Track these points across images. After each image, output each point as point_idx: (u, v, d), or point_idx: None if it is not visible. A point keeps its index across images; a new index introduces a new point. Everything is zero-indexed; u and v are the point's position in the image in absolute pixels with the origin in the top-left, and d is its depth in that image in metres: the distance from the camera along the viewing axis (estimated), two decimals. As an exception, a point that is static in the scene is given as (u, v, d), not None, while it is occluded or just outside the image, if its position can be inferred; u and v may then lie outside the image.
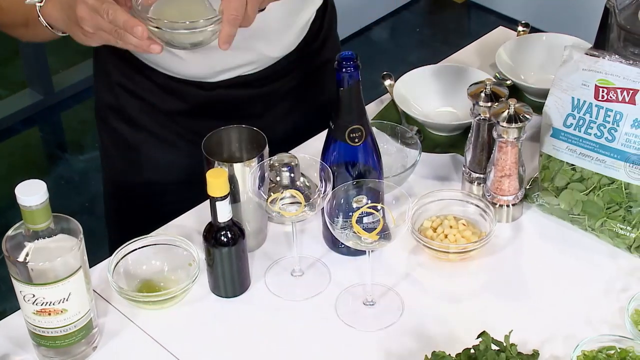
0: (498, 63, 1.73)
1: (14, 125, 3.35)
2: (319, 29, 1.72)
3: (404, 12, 3.91)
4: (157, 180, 1.71)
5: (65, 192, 3.07)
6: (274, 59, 1.63)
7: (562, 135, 1.45)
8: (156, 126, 1.67)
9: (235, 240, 1.34)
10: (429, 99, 1.70)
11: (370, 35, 3.78)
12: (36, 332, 1.26)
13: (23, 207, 1.18)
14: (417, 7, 3.97)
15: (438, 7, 3.99)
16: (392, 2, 3.87)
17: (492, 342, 1.25)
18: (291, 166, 1.44)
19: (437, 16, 3.95)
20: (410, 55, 3.57)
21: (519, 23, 1.88)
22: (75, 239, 1.23)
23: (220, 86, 1.62)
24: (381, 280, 1.41)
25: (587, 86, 1.42)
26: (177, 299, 1.37)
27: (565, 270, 1.43)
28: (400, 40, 3.75)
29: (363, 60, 1.36)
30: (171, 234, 1.43)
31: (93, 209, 2.96)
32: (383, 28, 3.82)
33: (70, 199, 3.02)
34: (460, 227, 1.45)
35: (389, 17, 3.87)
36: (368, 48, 3.69)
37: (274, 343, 1.33)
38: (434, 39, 3.74)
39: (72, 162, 3.19)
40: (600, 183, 1.43)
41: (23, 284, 1.22)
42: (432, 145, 1.64)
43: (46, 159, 3.27)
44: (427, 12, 3.98)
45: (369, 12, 3.77)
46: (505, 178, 1.47)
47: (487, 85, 1.46)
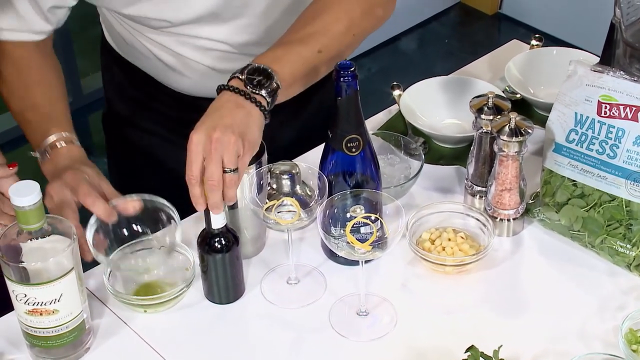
0: (507, 76, 1.72)
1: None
2: None
3: (433, 23, 3.91)
4: (165, 185, 1.72)
5: (88, 194, 3.09)
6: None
7: (564, 150, 1.44)
8: (167, 132, 1.69)
9: (229, 247, 1.35)
10: (435, 110, 1.70)
11: (398, 45, 3.77)
12: (29, 332, 1.28)
13: (16, 207, 1.20)
14: (446, 18, 3.96)
15: (468, 18, 3.98)
16: (421, 13, 3.87)
17: (482, 356, 1.24)
18: (292, 174, 1.44)
19: (467, 28, 3.94)
20: (437, 66, 3.56)
21: (533, 36, 1.87)
22: (68, 240, 1.25)
23: None
24: (377, 291, 1.41)
25: (590, 102, 1.41)
26: (171, 303, 1.38)
27: (563, 287, 1.42)
28: (428, 51, 3.75)
29: (389, 70, 1.37)
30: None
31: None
32: (411, 39, 3.82)
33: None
34: (458, 240, 1.45)
35: (417, 27, 3.86)
36: (395, 58, 3.69)
37: (266, 350, 1.33)
38: (462, 51, 3.73)
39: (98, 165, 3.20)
40: (601, 200, 1.42)
41: (15, 284, 1.23)
42: (437, 156, 1.64)
43: (70, 162, 3.29)
44: (456, 23, 3.97)
45: (397, 22, 3.76)
46: (506, 192, 1.46)
47: (489, 98, 1.46)
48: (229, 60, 1.57)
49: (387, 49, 3.73)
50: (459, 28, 3.95)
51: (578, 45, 1.88)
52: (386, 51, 3.71)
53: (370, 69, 3.61)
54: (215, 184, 1.26)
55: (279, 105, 1.67)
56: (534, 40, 1.86)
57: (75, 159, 1.47)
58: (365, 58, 3.66)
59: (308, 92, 1.70)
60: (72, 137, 1.49)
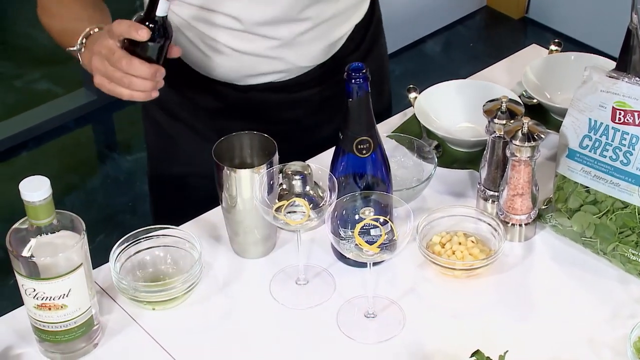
0: (524, 81, 1.71)
1: (67, 123, 3.42)
2: (360, 41, 1.72)
3: (458, 27, 3.90)
4: (192, 173, 1.73)
5: (110, 190, 3.12)
6: (304, 68, 1.65)
7: (577, 156, 1.43)
8: (195, 120, 1.71)
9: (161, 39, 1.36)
10: (450, 113, 1.69)
11: (423, 48, 3.76)
12: (37, 326, 1.29)
13: (27, 202, 1.21)
14: (472, 22, 3.94)
15: (494, 22, 3.96)
16: (446, 16, 3.86)
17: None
18: (304, 175, 1.44)
19: (492, 32, 3.92)
20: (462, 70, 3.53)
21: (552, 41, 1.86)
22: (78, 236, 1.26)
23: (253, 89, 1.65)
24: (386, 293, 1.40)
25: (604, 108, 1.40)
26: (179, 300, 1.38)
27: (573, 293, 1.41)
28: (452, 55, 3.74)
29: (413, 73, 1.37)
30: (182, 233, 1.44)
31: (135, 208, 3.01)
32: (436, 42, 3.81)
33: (115, 198, 3.07)
34: (468, 244, 1.44)
35: (443, 30, 3.85)
36: (419, 61, 3.68)
37: (272, 351, 1.33)
38: (487, 55, 3.71)
39: (120, 162, 3.25)
40: (613, 207, 1.41)
41: (25, 278, 1.24)
42: (451, 160, 1.63)
43: (95, 157, 3.32)
44: (482, 27, 3.95)
45: (422, 25, 3.76)
46: (518, 197, 1.45)
47: (502, 102, 1.45)
48: (244, 40, 1.57)
49: (411, 52, 3.72)
50: (485, 32, 3.94)
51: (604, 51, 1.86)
52: (410, 54, 3.70)
53: (394, 71, 3.59)
54: None
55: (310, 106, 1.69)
56: (553, 46, 1.85)
57: None
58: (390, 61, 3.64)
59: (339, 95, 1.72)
60: (104, 26, 1.47)
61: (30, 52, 3.78)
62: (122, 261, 1.40)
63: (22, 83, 3.63)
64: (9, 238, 1.24)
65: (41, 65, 3.69)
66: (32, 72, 3.67)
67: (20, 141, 3.30)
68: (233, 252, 1.48)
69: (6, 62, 3.74)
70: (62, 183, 3.11)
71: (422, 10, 3.69)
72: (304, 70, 1.66)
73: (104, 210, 3.00)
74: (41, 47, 3.81)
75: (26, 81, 3.63)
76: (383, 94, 1.85)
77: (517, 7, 3.96)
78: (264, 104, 1.68)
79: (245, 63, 1.60)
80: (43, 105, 3.43)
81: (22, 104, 3.48)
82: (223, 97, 1.67)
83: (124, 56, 1.34)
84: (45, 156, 3.29)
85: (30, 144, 3.32)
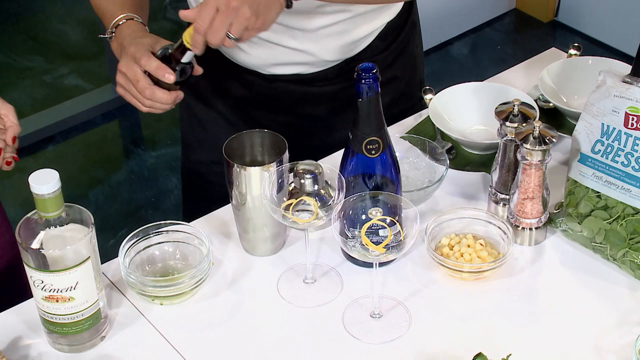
0: (540, 85, 1.70)
1: (94, 118, 3.45)
2: (392, 41, 1.72)
3: (486, 29, 3.88)
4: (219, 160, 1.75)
5: (134, 185, 3.14)
6: (329, 62, 1.66)
7: (589, 161, 1.43)
8: (224, 107, 1.74)
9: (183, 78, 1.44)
10: (465, 115, 1.69)
11: (449, 50, 3.75)
12: (45, 317, 1.31)
13: (36, 195, 1.22)
14: (500, 24, 3.92)
15: (522, 25, 3.94)
16: (474, 18, 3.84)
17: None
18: (314, 174, 1.45)
19: (521, 35, 3.90)
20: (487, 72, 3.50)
21: (571, 45, 1.85)
22: (86, 229, 1.27)
23: (280, 79, 1.67)
24: (393, 294, 1.41)
25: (617, 113, 1.39)
26: (187, 295, 1.39)
27: (581, 298, 1.40)
28: (479, 57, 3.72)
29: (439, 74, 1.37)
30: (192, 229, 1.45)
31: (158, 204, 3.03)
32: (463, 44, 3.79)
33: (138, 193, 3.09)
34: (477, 247, 1.44)
35: (470, 33, 3.84)
36: (445, 63, 3.67)
37: (277, 348, 1.34)
38: (514, 58, 3.68)
39: (145, 158, 3.27)
40: (624, 212, 1.40)
41: (33, 270, 1.26)
42: (464, 162, 1.63)
43: (120, 152, 3.35)
44: (510, 30, 3.93)
45: (449, 27, 3.75)
46: (528, 201, 1.44)
47: (514, 105, 1.45)
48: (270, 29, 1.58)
49: (438, 54, 3.71)
50: (513, 35, 3.92)
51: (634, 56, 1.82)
52: (437, 56, 3.69)
53: (420, 72, 3.60)
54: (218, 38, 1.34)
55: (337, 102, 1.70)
56: (573, 49, 1.84)
57: (135, 30, 1.53)
58: (416, 62, 3.64)
59: None
60: (134, 16, 1.55)
61: (60, 47, 3.83)
62: (131, 256, 1.41)
63: (51, 78, 3.67)
64: (19, 230, 1.25)
65: (70, 60, 3.73)
66: (61, 68, 3.71)
67: (48, 135, 3.33)
68: (243, 249, 1.49)
69: (37, 57, 3.78)
70: (87, 177, 3.15)
71: (449, 12, 3.68)
72: (330, 65, 1.67)
73: (127, 205, 3.03)
74: (71, 43, 3.85)
75: (55, 76, 3.67)
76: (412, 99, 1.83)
77: (546, 10, 3.93)
78: (289, 95, 1.70)
79: (271, 52, 1.62)
80: (71, 100, 3.46)
81: (50, 99, 3.52)
82: (249, 85, 1.70)
83: (148, 87, 1.44)
84: (71, 150, 3.32)
85: (57, 137, 3.36)
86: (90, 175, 3.16)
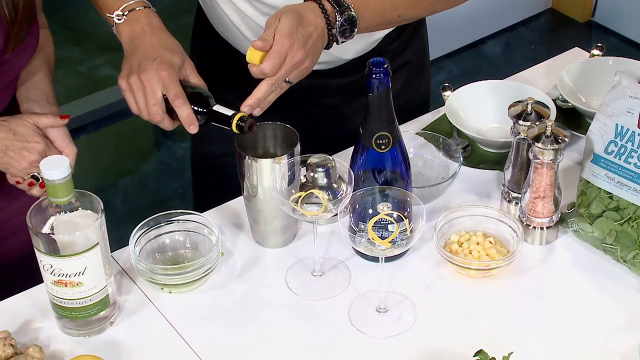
0: (559, 84, 1.70)
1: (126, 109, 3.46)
2: (402, 29, 1.72)
3: (520, 28, 3.85)
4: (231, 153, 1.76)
5: (161, 176, 3.17)
6: (347, 60, 1.66)
7: (602, 161, 1.42)
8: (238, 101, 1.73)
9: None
10: (481, 113, 1.68)
11: (482, 48, 3.73)
12: (55, 301, 1.33)
13: (46, 181, 1.24)
14: (535, 23, 3.90)
15: (558, 25, 3.91)
16: (508, 16, 3.82)
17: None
18: (327, 167, 1.45)
19: (556, 34, 3.87)
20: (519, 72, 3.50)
21: (594, 45, 1.83)
22: (95, 215, 1.29)
23: None
24: (400, 289, 1.41)
25: (631, 114, 1.38)
26: (196, 284, 1.41)
27: (590, 299, 1.39)
28: (512, 56, 3.70)
29: (470, 73, 1.37)
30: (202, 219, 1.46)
31: (185, 195, 3.05)
32: (497, 43, 3.77)
33: (165, 184, 3.12)
34: (486, 244, 1.44)
35: (504, 31, 3.81)
36: (478, 62, 3.65)
37: (282, 340, 1.35)
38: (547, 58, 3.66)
39: (174, 149, 3.30)
40: (635, 214, 1.39)
41: (43, 254, 1.28)
42: (479, 160, 1.63)
43: (151, 143, 3.38)
44: (545, 29, 3.90)
45: (483, 25, 3.73)
46: (539, 200, 1.44)
47: (528, 104, 1.44)
48: None
49: (470, 52, 3.69)
50: (548, 34, 3.89)
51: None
52: (470, 54, 3.68)
53: (452, 71, 3.59)
54: (277, 86, 1.38)
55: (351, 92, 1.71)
56: (596, 50, 1.83)
57: (156, 26, 1.46)
58: (448, 60, 3.63)
59: None
60: (150, 5, 1.49)
61: (96, 38, 3.87)
62: (142, 244, 1.43)
63: (86, 68, 3.71)
64: (30, 215, 1.27)
65: (106, 51, 3.77)
66: (96, 58, 3.75)
67: (80, 125, 3.37)
68: (254, 240, 1.50)
69: (73, 48, 3.82)
70: (117, 167, 3.18)
71: (483, 11, 3.66)
72: (346, 61, 1.67)
73: (155, 196, 3.05)
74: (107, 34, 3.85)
75: (90, 66, 3.71)
76: (422, 84, 1.84)
77: (583, 10, 3.90)
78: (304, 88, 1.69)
79: None
80: (104, 90, 3.50)
81: (84, 89, 3.56)
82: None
83: (159, 113, 1.41)
84: (102, 140, 3.36)
85: (89, 127, 3.40)
86: (120, 165, 3.20)
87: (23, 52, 1.44)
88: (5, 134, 1.38)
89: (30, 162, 1.39)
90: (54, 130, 1.45)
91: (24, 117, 1.42)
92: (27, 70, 1.51)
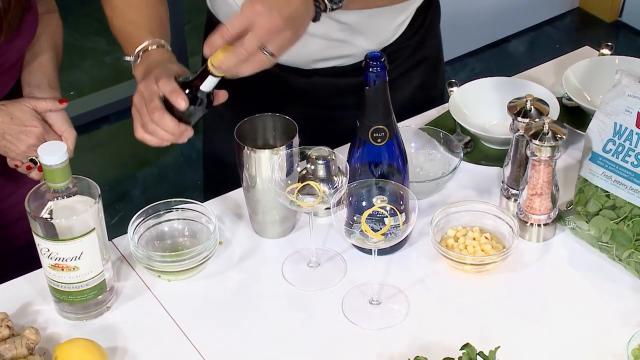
0: (564, 83, 1.69)
1: (149, 101, 3.51)
2: (420, 25, 1.73)
3: (546, 27, 3.83)
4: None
5: (182, 168, 3.20)
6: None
7: (599, 160, 1.42)
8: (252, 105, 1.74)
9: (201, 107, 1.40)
10: (485, 110, 1.69)
11: (506, 47, 3.72)
12: (52, 285, 1.35)
13: (44, 166, 1.27)
14: (561, 23, 3.87)
15: (585, 24, 3.88)
16: (534, 15, 3.80)
17: (479, 355, 1.24)
18: (327, 160, 1.46)
19: (582, 34, 3.85)
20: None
21: (603, 44, 1.83)
22: (92, 200, 1.31)
23: (317, 73, 1.68)
24: (395, 282, 1.42)
25: (630, 113, 1.38)
26: (193, 271, 1.42)
27: (584, 297, 1.39)
28: (536, 55, 3.68)
29: (493, 71, 1.37)
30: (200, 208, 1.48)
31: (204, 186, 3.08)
32: (521, 41, 3.76)
33: (185, 175, 3.15)
34: (482, 240, 1.44)
35: (529, 30, 3.80)
36: (501, 60, 3.64)
37: (275, 329, 1.36)
38: (572, 58, 3.65)
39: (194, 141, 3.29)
40: (632, 213, 1.39)
41: (40, 238, 1.30)
42: (481, 156, 1.63)
43: (173, 135, 3.41)
44: (571, 29, 3.88)
45: (508, 23, 3.71)
46: (537, 197, 1.44)
47: (527, 101, 1.44)
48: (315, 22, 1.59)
49: (494, 50, 3.68)
50: (574, 34, 3.86)
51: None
52: (493, 52, 3.67)
53: (474, 69, 3.58)
54: (246, 56, 1.28)
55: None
56: (605, 49, 1.82)
57: (165, 58, 1.49)
58: (471, 58, 3.63)
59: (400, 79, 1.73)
60: (164, 43, 1.52)
61: (122, 30, 3.90)
62: (140, 232, 1.45)
63: (111, 59, 3.74)
64: (28, 200, 1.30)
65: (131, 43, 3.80)
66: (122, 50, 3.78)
67: (103, 115, 3.41)
68: (253, 230, 1.52)
69: (100, 39, 3.86)
70: (137, 158, 3.21)
71: (508, 9, 3.64)
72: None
73: (174, 187, 3.08)
74: (134, 26, 3.92)
75: (115, 58, 3.75)
76: (438, 79, 1.85)
77: (610, 9, 3.87)
78: (326, 89, 1.70)
79: (315, 47, 1.63)
80: (127, 82, 3.53)
81: (108, 80, 3.59)
82: (285, 85, 1.70)
83: (158, 109, 1.39)
84: (124, 131, 3.39)
85: (111, 118, 3.43)
86: (140, 156, 3.23)
87: (16, 40, 1.47)
88: (3, 118, 1.41)
89: (28, 145, 1.42)
90: (53, 114, 1.47)
91: (23, 102, 1.45)
92: (31, 54, 1.54)
